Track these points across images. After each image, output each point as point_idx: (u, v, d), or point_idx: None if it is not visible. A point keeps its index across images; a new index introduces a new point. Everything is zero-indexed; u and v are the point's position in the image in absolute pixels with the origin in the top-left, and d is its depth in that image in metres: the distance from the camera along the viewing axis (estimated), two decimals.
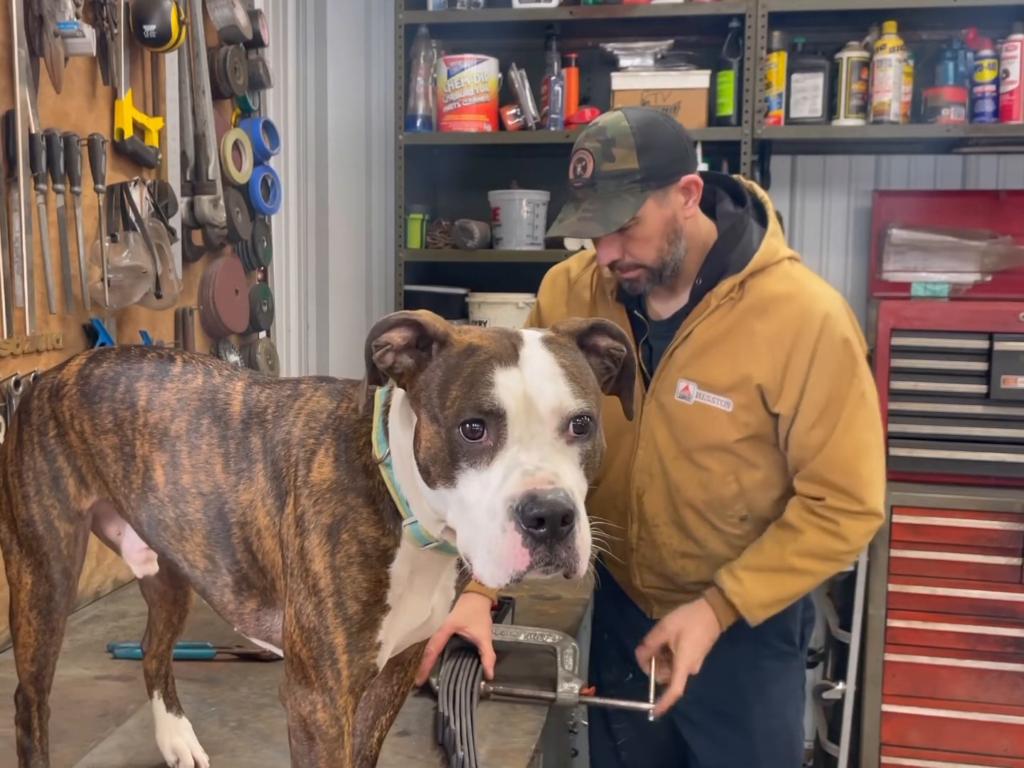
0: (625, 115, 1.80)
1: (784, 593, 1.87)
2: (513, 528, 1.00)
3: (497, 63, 3.48)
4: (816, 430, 1.82)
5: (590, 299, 2.01)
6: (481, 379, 1.04)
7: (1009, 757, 3.05)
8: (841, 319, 1.83)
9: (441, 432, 1.06)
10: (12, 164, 1.94)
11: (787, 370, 1.81)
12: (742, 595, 1.83)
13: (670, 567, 1.98)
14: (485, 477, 1.03)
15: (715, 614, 1.85)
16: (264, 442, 1.24)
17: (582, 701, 1.82)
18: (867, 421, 1.85)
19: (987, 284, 3.47)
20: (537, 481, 1.00)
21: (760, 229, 1.90)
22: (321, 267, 3.81)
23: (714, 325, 1.85)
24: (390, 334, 1.11)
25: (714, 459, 1.88)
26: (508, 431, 1.03)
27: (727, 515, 1.92)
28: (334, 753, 1.19)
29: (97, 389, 1.37)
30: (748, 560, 1.86)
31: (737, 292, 1.84)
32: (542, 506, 0.99)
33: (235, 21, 2.66)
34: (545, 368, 1.07)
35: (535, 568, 1.01)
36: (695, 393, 1.87)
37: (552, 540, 1.00)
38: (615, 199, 1.77)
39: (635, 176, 1.76)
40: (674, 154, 1.79)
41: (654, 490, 1.94)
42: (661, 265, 1.83)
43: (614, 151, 1.76)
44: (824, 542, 1.83)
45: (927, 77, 3.35)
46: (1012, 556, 3.01)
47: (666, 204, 1.80)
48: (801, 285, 1.85)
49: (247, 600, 1.29)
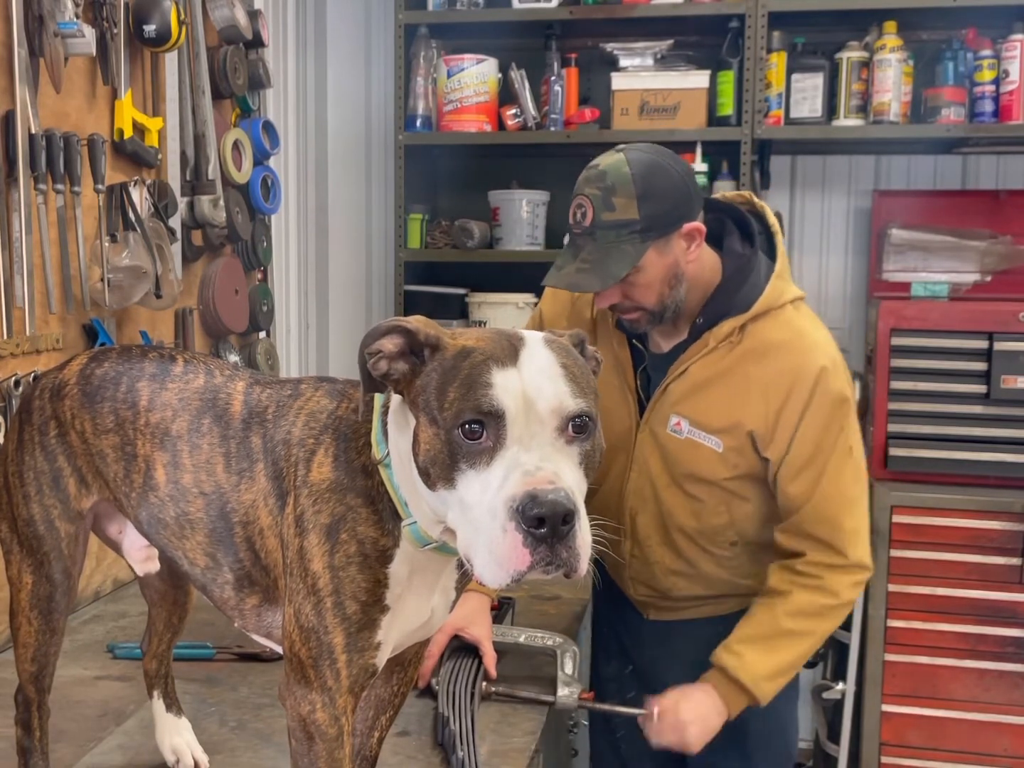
0: (627, 159, 1.74)
1: (785, 660, 1.81)
2: (514, 528, 1.00)
3: (497, 63, 3.48)
4: (800, 481, 1.80)
5: (591, 320, 1.99)
6: (479, 380, 1.04)
7: (1009, 757, 3.05)
8: (838, 372, 1.80)
9: (440, 434, 1.06)
10: (12, 164, 1.94)
11: (779, 419, 1.79)
12: (744, 668, 1.78)
13: (662, 583, 1.98)
14: (485, 478, 1.03)
15: (722, 698, 1.79)
16: (265, 442, 1.25)
17: (581, 706, 1.82)
18: (853, 475, 1.82)
19: (987, 284, 3.47)
20: (537, 481, 1.00)
21: (768, 266, 1.86)
22: (321, 267, 3.81)
23: (711, 365, 1.83)
24: (381, 342, 1.11)
25: (704, 491, 1.88)
26: (507, 431, 1.03)
27: (718, 540, 1.92)
28: (333, 753, 1.19)
29: (99, 389, 1.37)
30: (742, 633, 1.82)
31: (737, 336, 1.82)
32: (543, 506, 0.98)
33: (235, 21, 2.66)
34: (545, 368, 1.07)
35: (536, 568, 1.01)
36: (687, 429, 1.85)
37: (553, 540, 1.00)
38: (614, 250, 1.72)
39: (635, 227, 1.72)
40: (676, 201, 1.74)
41: (646, 513, 1.94)
42: (662, 308, 1.81)
43: (614, 200, 1.72)
44: (812, 599, 1.80)
45: (927, 77, 3.36)
46: (1012, 556, 3.01)
47: (668, 252, 1.76)
48: (801, 334, 1.82)
49: (248, 596, 1.29)
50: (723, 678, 1.80)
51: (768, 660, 1.79)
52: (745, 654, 1.79)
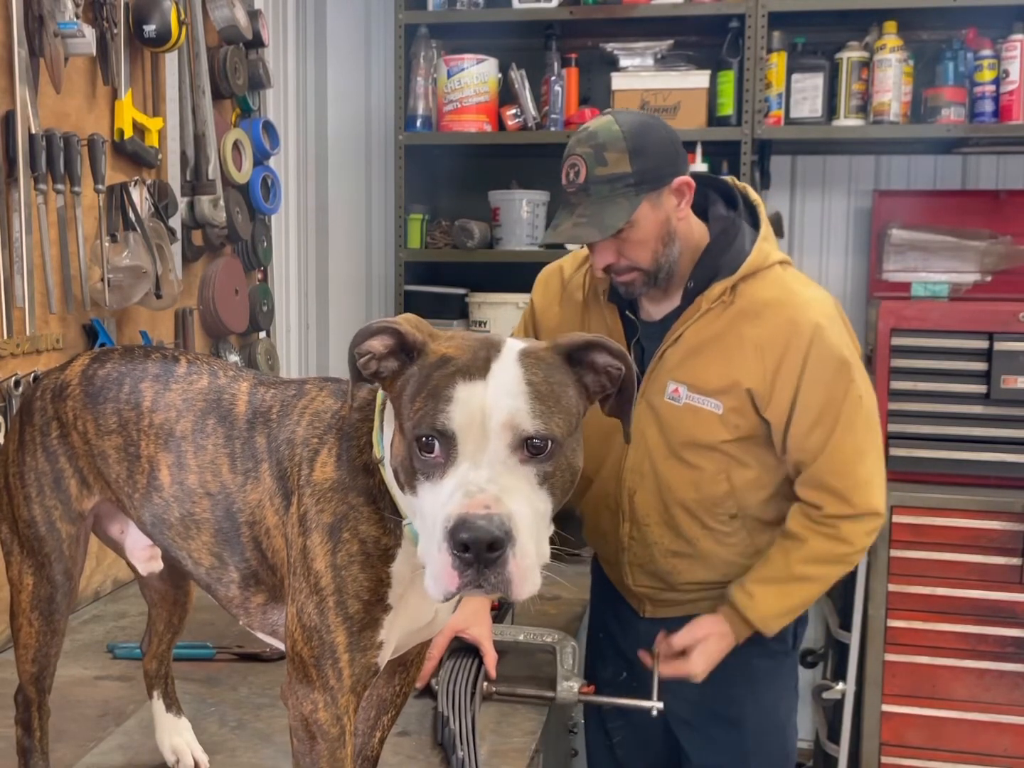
0: (615, 119, 1.79)
1: (795, 601, 1.89)
2: (446, 549, 1.00)
3: (497, 63, 3.48)
4: (814, 434, 1.82)
5: (582, 300, 2.01)
6: (442, 394, 1.04)
7: (1009, 757, 3.05)
8: (833, 326, 1.82)
9: (404, 443, 1.07)
10: (12, 164, 1.94)
11: (777, 377, 1.81)
12: (755, 608, 1.85)
13: (661, 566, 1.98)
14: (438, 490, 1.04)
15: (730, 627, 1.87)
16: (269, 442, 1.25)
17: (582, 699, 1.83)
18: (865, 423, 1.85)
19: (987, 284, 3.47)
20: (473, 504, 0.99)
21: (752, 233, 1.90)
22: (321, 267, 3.81)
23: (705, 328, 1.85)
24: (371, 342, 1.11)
25: (704, 458, 1.89)
26: (459, 449, 1.03)
27: (717, 513, 1.92)
28: (335, 752, 1.19)
29: (101, 390, 1.37)
30: (756, 573, 1.88)
31: (728, 296, 1.84)
32: (468, 531, 0.98)
33: (235, 21, 2.66)
34: (508, 384, 1.05)
35: (465, 589, 1.01)
36: (685, 395, 1.87)
37: (479, 565, 0.99)
38: (609, 203, 1.76)
39: (628, 180, 1.76)
40: (666, 156, 1.79)
41: (645, 490, 1.94)
42: (656, 267, 1.83)
43: (606, 155, 1.76)
44: (827, 547, 1.85)
45: (927, 77, 3.36)
46: (1012, 556, 3.01)
47: (660, 206, 1.79)
48: (792, 291, 1.85)
49: (254, 595, 1.29)
50: (734, 614, 1.87)
51: (778, 602, 1.87)
52: (757, 594, 1.86)
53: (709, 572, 1.97)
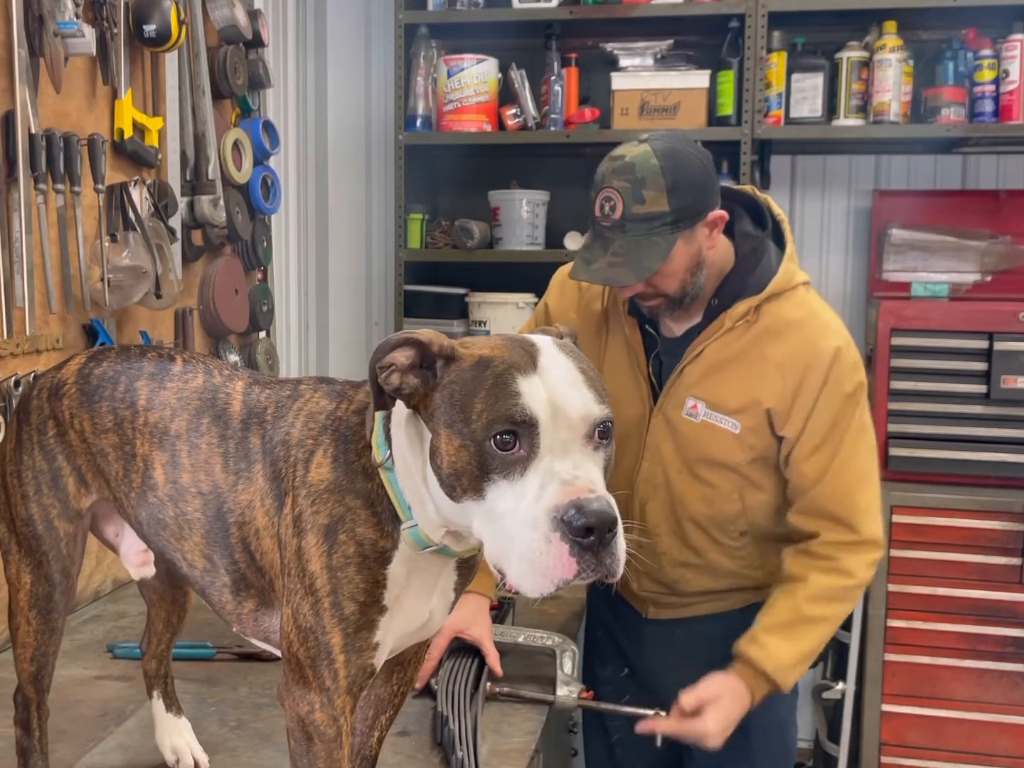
0: (653, 150, 1.73)
1: (806, 646, 1.81)
2: (559, 538, 1.00)
3: (497, 63, 3.48)
4: (817, 457, 1.81)
5: (601, 311, 1.99)
6: (506, 389, 1.04)
7: (1009, 757, 3.05)
8: (850, 350, 1.82)
9: (469, 446, 1.05)
10: (12, 164, 1.94)
11: (797, 395, 1.80)
12: (769, 658, 1.78)
13: (669, 575, 1.98)
14: (519, 487, 1.03)
15: (745, 685, 1.79)
16: (263, 442, 1.24)
17: (580, 705, 1.82)
18: (867, 451, 1.84)
19: (987, 284, 3.47)
20: (579, 490, 1.01)
21: (778, 251, 1.88)
22: (321, 267, 3.81)
23: (727, 346, 1.84)
24: (393, 355, 1.10)
25: (719, 476, 1.88)
26: (540, 440, 1.03)
27: (728, 529, 1.92)
28: (332, 753, 1.19)
29: (97, 388, 1.37)
30: (764, 622, 1.83)
31: (753, 315, 1.83)
32: (590, 516, 1.00)
33: (235, 21, 2.66)
34: (566, 374, 1.07)
35: (582, 575, 1.02)
36: (703, 412, 1.86)
37: (598, 548, 1.01)
38: (645, 242, 1.73)
39: (666, 219, 1.72)
40: (702, 191, 1.75)
41: (656, 501, 1.94)
42: (683, 295, 1.82)
43: (644, 193, 1.71)
44: (829, 582, 1.81)
45: (927, 77, 3.36)
46: (1012, 556, 3.01)
47: (693, 241, 1.77)
48: (815, 313, 1.85)
49: (245, 600, 1.29)
50: (747, 669, 1.79)
51: (791, 648, 1.79)
52: (769, 644, 1.79)
53: (716, 581, 1.97)
